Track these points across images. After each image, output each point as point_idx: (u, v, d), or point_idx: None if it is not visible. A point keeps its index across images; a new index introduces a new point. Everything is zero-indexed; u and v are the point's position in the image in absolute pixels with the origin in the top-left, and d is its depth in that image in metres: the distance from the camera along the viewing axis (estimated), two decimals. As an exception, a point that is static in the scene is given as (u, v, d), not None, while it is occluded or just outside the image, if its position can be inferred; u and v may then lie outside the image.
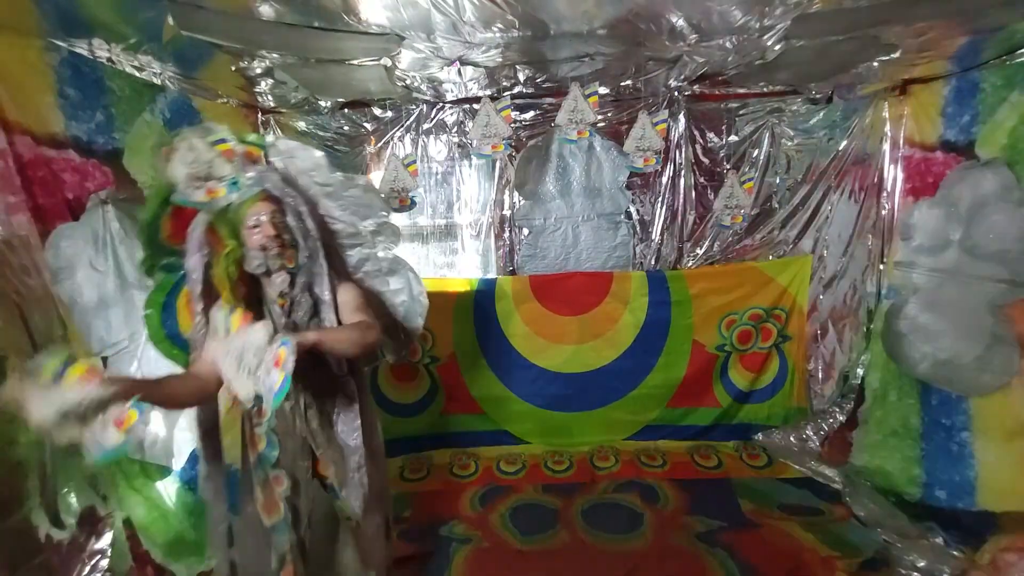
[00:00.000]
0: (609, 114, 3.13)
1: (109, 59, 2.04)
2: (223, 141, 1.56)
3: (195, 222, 1.59)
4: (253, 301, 1.61)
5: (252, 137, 1.68)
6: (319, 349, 1.47)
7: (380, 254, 1.93)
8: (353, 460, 1.72)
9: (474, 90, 2.96)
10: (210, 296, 1.60)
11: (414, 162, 3.21)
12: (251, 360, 1.37)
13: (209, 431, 1.73)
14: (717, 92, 3.10)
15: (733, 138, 3.19)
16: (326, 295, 1.64)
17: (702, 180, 3.24)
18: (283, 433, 1.69)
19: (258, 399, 1.38)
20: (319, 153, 1.80)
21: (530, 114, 3.16)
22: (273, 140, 1.78)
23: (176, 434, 2.33)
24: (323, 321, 1.65)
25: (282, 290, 1.60)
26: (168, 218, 1.66)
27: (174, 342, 1.84)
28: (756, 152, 3.19)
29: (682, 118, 3.12)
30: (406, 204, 3.24)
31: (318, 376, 1.67)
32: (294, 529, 1.71)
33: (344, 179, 1.79)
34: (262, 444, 1.67)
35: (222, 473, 1.77)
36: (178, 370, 1.74)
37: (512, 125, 3.11)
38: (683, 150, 3.17)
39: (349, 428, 1.72)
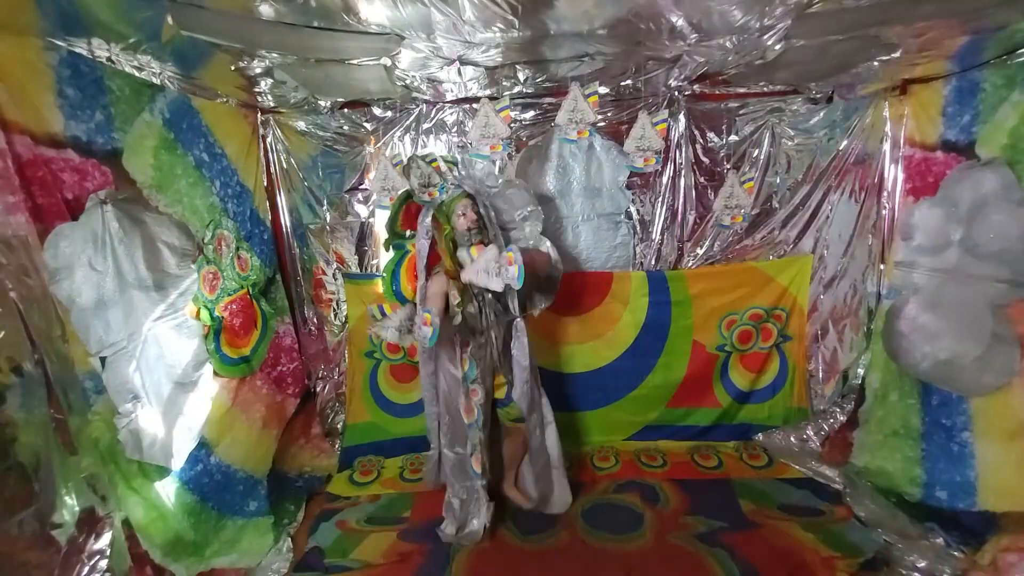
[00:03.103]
0: (609, 114, 3.12)
1: (108, 59, 2.04)
2: (434, 159, 2.70)
3: (423, 213, 2.43)
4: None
5: (448, 156, 2.97)
6: (526, 261, 2.17)
7: (527, 231, 2.62)
8: (524, 375, 2.37)
9: (474, 90, 2.96)
10: (430, 266, 2.43)
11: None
12: (493, 266, 2.15)
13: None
14: (717, 92, 3.09)
15: (733, 138, 3.17)
16: None
17: (702, 180, 3.23)
18: (479, 359, 2.46)
19: (508, 288, 2.19)
20: (496, 163, 3.07)
21: (530, 114, 3.15)
22: (459, 158, 2.98)
23: (175, 434, 2.32)
24: None
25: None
26: (403, 212, 2.79)
27: (396, 296, 3.07)
28: (756, 152, 3.18)
29: (682, 118, 3.11)
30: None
31: (503, 319, 2.40)
32: (481, 428, 2.51)
33: (505, 183, 2.71)
34: (467, 365, 2.48)
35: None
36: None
37: (512, 125, 3.10)
38: (683, 150, 3.16)
39: (522, 352, 2.35)
